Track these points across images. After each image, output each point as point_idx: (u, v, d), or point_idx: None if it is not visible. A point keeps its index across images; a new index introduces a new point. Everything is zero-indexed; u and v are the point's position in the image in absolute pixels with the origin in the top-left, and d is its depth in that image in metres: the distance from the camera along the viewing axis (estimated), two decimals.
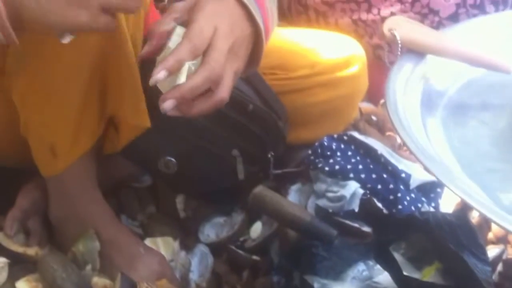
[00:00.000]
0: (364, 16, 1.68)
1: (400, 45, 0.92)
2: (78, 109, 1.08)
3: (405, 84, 0.88)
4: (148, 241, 1.24)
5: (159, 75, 0.83)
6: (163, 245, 1.24)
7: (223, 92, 0.87)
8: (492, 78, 0.95)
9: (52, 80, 1.06)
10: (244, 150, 1.23)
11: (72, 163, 1.13)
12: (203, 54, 0.86)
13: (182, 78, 0.84)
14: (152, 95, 1.08)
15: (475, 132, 0.87)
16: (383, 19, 1.65)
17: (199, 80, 0.85)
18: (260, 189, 1.21)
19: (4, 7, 0.82)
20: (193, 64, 0.85)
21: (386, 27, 0.93)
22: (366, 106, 1.55)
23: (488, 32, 1.00)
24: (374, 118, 1.50)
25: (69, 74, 1.06)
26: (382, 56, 1.47)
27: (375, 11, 1.66)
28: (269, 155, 1.25)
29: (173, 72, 0.84)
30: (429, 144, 0.81)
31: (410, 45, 0.93)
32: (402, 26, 0.93)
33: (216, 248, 1.26)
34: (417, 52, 0.93)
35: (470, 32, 0.99)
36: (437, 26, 1.64)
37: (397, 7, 1.64)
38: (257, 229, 1.26)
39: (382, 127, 1.46)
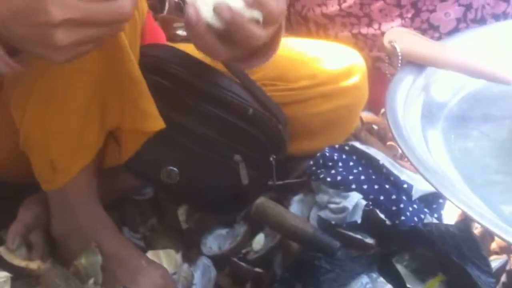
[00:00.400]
0: (364, 30, 1.68)
1: (400, 57, 0.92)
2: (78, 124, 1.08)
3: (405, 96, 0.88)
4: (150, 254, 1.24)
5: None
6: (166, 258, 1.24)
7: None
8: (493, 90, 0.94)
9: (51, 94, 1.06)
10: (246, 155, 1.23)
11: (73, 177, 1.13)
12: None
13: None
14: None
15: (477, 144, 0.86)
16: (383, 33, 1.64)
17: None
18: (262, 201, 1.21)
19: None
20: None
21: (386, 39, 0.93)
22: (367, 115, 1.55)
23: (489, 43, 1.00)
24: (375, 127, 1.49)
25: (68, 88, 1.06)
26: (382, 68, 1.47)
27: (375, 25, 1.66)
28: (271, 159, 1.25)
29: None
30: (430, 156, 0.81)
31: (410, 57, 0.93)
32: (402, 38, 0.93)
33: (218, 261, 1.25)
34: (417, 63, 0.93)
35: (471, 43, 0.98)
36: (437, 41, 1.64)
37: (397, 22, 1.64)
38: (259, 241, 1.26)
39: (383, 137, 1.46)
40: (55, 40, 0.80)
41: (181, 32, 1.80)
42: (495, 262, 1.14)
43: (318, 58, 1.34)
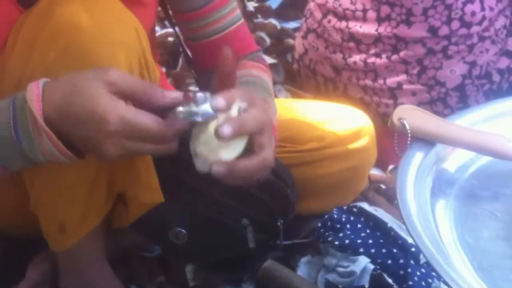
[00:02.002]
0: (370, 84, 1.69)
1: (410, 134, 0.93)
2: (87, 189, 1.09)
3: (415, 175, 0.89)
4: None
5: (225, 130, 0.85)
6: None
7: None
8: (503, 166, 0.95)
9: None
10: (254, 219, 1.23)
11: (81, 238, 1.14)
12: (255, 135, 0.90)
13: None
14: (163, 168, 1.11)
15: (486, 225, 0.87)
16: (389, 88, 1.67)
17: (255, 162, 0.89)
18: (269, 264, 1.21)
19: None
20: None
21: (395, 116, 0.94)
22: (375, 173, 1.56)
23: (498, 118, 1.00)
24: (383, 186, 1.50)
25: None
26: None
27: (381, 80, 1.68)
28: (279, 223, 1.26)
29: (236, 134, 0.87)
30: (439, 239, 0.82)
31: (420, 134, 0.94)
32: (411, 115, 0.94)
33: None
34: (426, 140, 0.93)
35: (480, 119, 0.99)
36: (444, 97, 1.66)
37: (402, 77, 1.65)
38: None
39: (391, 197, 1.46)
40: (106, 149, 0.87)
41: (193, 89, 1.82)
42: None
43: (326, 120, 1.35)
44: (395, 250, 1.23)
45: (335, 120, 1.35)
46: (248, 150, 0.90)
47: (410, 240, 1.24)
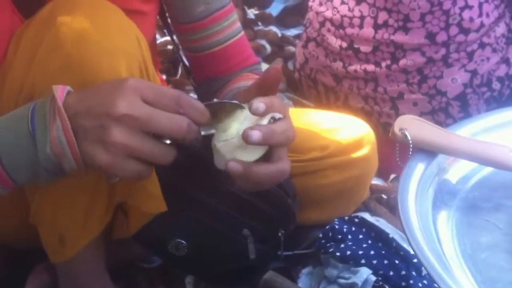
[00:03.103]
0: (371, 94, 1.69)
1: (411, 145, 0.92)
2: (87, 200, 1.08)
3: (417, 187, 0.88)
4: None
5: (255, 135, 0.85)
6: None
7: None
8: (505, 176, 0.94)
9: None
10: (254, 229, 1.23)
11: (80, 249, 1.13)
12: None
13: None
14: (163, 178, 1.10)
15: (488, 238, 0.86)
16: (391, 98, 1.67)
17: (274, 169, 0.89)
18: (270, 275, 1.20)
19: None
20: None
21: (396, 126, 0.93)
22: (376, 183, 1.55)
23: (500, 129, 1.00)
24: (384, 196, 1.49)
25: None
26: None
27: (381, 90, 1.67)
28: (280, 234, 1.25)
29: (264, 143, 0.87)
30: (441, 253, 0.81)
31: (421, 145, 0.93)
32: (413, 125, 0.93)
33: None
34: (428, 151, 0.93)
35: (481, 129, 0.99)
36: (445, 106, 1.65)
37: (403, 86, 1.65)
38: None
39: (392, 207, 1.45)
40: (109, 133, 0.84)
41: (193, 95, 1.82)
42: None
43: (329, 130, 1.35)
44: (397, 261, 1.22)
45: (337, 129, 1.35)
46: (264, 158, 0.90)
47: (412, 251, 1.23)
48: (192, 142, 0.89)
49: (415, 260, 1.22)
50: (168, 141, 0.89)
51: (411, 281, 1.20)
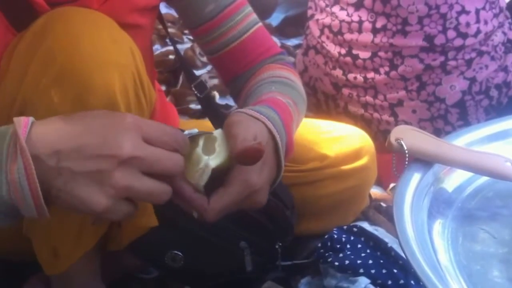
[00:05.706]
0: (371, 101, 1.69)
1: (407, 155, 0.92)
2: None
3: (412, 196, 0.88)
4: None
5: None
6: None
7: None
8: (500, 185, 0.94)
9: None
10: (251, 241, 1.22)
11: (74, 262, 1.13)
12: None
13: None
14: None
15: (483, 247, 0.86)
16: (390, 105, 1.66)
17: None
18: (269, 285, 1.20)
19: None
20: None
21: (393, 136, 0.93)
22: (375, 192, 1.54)
23: (496, 138, 0.99)
24: (383, 205, 1.49)
25: None
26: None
27: (381, 97, 1.67)
28: (277, 246, 1.24)
29: None
30: (436, 263, 0.80)
31: (417, 154, 0.93)
32: (409, 135, 0.93)
33: None
34: (424, 161, 0.92)
35: (477, 139, 0.98)
36: (444, 114, 1.65)
37: (402, 93, 1.65)
38: None
39: (392, 216, 1.44)
40: (111, 176, 0.78)
41: (194, 106, 1.82)
42: None
43: (328, 139, 1.34)
44: (395, 270, 1.21)
45: (336, 139, 1.34)
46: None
47: None
48: None
49: (413, 270, 1.21)
50: None
51: None
